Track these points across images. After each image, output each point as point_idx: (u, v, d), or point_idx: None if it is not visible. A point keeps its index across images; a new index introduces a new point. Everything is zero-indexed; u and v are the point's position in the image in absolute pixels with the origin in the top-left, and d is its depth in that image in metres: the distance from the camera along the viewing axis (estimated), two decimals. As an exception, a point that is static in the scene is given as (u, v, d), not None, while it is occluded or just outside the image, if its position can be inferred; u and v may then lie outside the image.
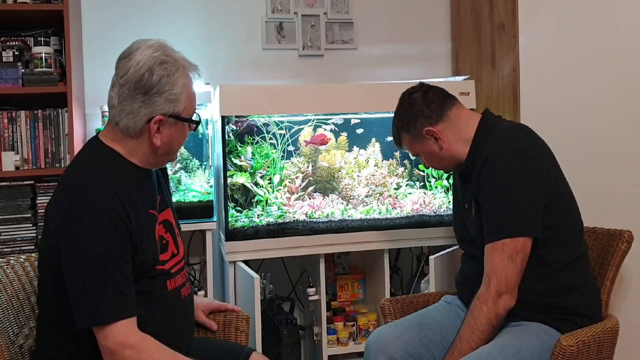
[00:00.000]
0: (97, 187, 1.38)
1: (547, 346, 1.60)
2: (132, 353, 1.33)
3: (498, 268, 1.63)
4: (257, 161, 2.47)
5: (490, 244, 1.66)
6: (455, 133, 1.84)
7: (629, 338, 2.02)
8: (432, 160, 1.92)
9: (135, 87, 1.42)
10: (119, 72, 1.46)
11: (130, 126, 1.45)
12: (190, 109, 1.51)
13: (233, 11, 2.93)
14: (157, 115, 1.44)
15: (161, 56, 1.45)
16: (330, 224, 2.48)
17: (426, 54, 3.13)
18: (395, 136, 1.95)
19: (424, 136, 1.85)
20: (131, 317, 1.36)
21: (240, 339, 1.83)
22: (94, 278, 1.33)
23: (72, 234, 1.35)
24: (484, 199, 1.70)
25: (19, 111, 2.49)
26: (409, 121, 1.87)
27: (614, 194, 2.39)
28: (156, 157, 1.51)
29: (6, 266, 1.65)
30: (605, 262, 1.87)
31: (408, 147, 1.94)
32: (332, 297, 2.81)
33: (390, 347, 1.78)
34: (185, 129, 1.53)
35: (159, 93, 1.43)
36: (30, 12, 2.46)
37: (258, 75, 2.94)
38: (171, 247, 1.56)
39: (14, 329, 1.59)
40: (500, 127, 1.79)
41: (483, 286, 1.66)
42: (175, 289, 1.54)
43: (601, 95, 2.42)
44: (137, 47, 1.46)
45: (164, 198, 1.60)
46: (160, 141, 1.47)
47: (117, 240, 1.36)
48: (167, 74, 1.44)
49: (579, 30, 2.44)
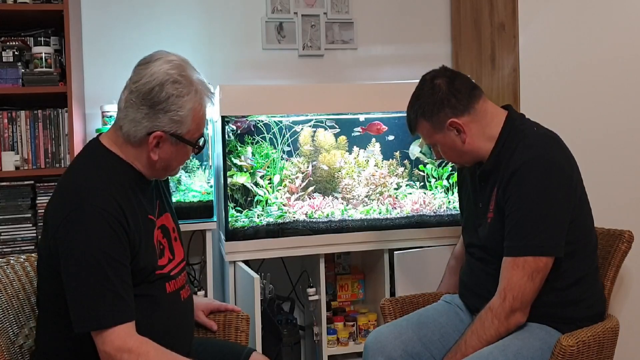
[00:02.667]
0: (95, 191, 1.37)
1: (548, 346, 1.60)
2: (130, 357, 1.33)
3: (516, 285, 1.59)
4: (257, 161, 2.47)
5: (511, 257, 1.61)
6: (480, 128, 1.74)
7: (629, 338, 2.02)
8: (449, 154, 1.81)
9: (143, 97, 1.41)
10: (133, 77, 1.44)
11: (131, 134, 1.44)
12: (196, 132, 1.48)
13: (233, 11, 2.93)
14: (158, 131, 1.42)
15: (176, 75, 1.42)
16: (330, 224, 2.48)
17: (426, 54, 3.13)
18: (412, 121, 1.81)
19: (446, 127, 1.73)
20: (129, 322, 1.35)
21: (240, 339, 1.83)
22: (92, 282, 1.33)
23: (71, 237, 1.35)
24: (512, 209, 1.63)
25: (19, 111, 2.49)
26: (432, 109, 1.74)
27: (614, 194, 2.39)
28: (153, 170, 1.50)
29: (6, 266, 1.65)
30: (605, 262, 1.87)
31: (425, 135, 1.82)
32: (332, 297, 2.81)
33: (389, 346, 1.77)
34: (187, 150, 1.50)
35: (164, 111, 1.41)
36: (30, 12, 2.46)
37: (258, 76, 2.94)
38: (167, 252, 1.55)
39: (14, 329, 1.59)
40: (530, 132, 1.71)
41: (497, 299, 1.62)
42: (175, 291, 1.53)
43: (601, 95, 2.42)
44: (157, 58, 1.44)
45: (162, 203, 1.60)
46: (158, 156, 1.45)
47: (115, 244, 1.36)
48: (177, 95, 1.41)
49: (579, 30, 2.44)
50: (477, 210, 1.82)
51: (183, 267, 1.61)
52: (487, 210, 1.75)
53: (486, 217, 1.76)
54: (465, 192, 1.95)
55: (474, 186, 1.85)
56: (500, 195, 1.68)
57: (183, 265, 1.61)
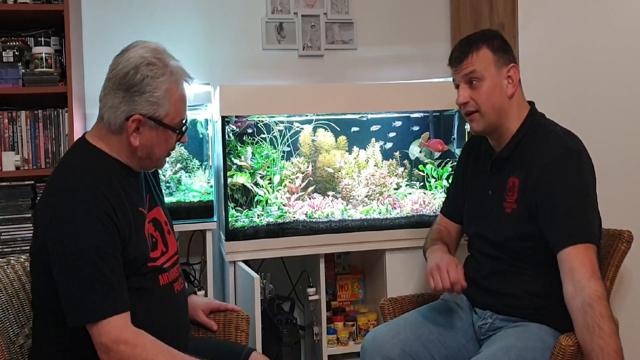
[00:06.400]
0: (82, 186, 1.38)
1: (548, 346, 1.60)
2: (127, 349, 1.33)
3: (592, 264, 1.53)
4: (257, 161, 2.47)
5: (572, 246, 1.56)
6: (519, 99, 1.77)
7: (629, 338, 2.02)
8: (486, 96, 1.72)
9: (119, 82, 1.43)
10: (111, 66, 1.47)
11: (111, 121, 1.45)
12: (176, 116, 1.49)
13: (233, 11, 2.93)
14: (136, 115, 1.43)
15: (151, 57, 1.44)
16: (330, 224, 2.48)
17: (426, 54, 3.13)
18: (474, 46, 1.73)
19: (506, 70, 1.73)
20: (124, 312, 1.36)
21: (240, 339, 1.83)
22: (83, 275, 1.34)
23: (60, 233, 1.35)
24: (555, 201, 1.61)
25: (19, 111, 2.50)
26: (503, 45, 1.74)
27: (613, 194, 2.39)
28: (137, 160, 1.50)
29: (6, 266, 1.66)
30: (605, 262, 1.87)
31: (478, 61, 1.72)
32: (332, 297, 2.81)
33: (387, 346, 1.76)
34: (169, 136, 1.50)
35: (140, 92, 1.43)
36: (30, 12, 2.47)
37: (258, 76, 2.94)
38: (160, 245, 1.56)
39: (14, 328, 1.59)
40: (555, 128, 1.74)
41: (589, 287, 1.50)
42: (168, 284, 1.54)
43: (601, 95, 2.42)
44: (134, 45, 1.48)
45: (152, 196, 1.61)
46: (138, 142, 1.46)
47: (104, 237, 1.36)
48: (152, 76, 1.43)
49: (579, 31, 2.44)
50: (487, 198, 1.79)
51: (176, 260, 1.62)
52: (502, 199, 1.74)
53: (501, 207, 1.74)
54: (466, 177, 1.91)
55: (485, 172, 1.82)
56: (530, 189, 1.66)
57: (176, 259, 1.62)
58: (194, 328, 1.82)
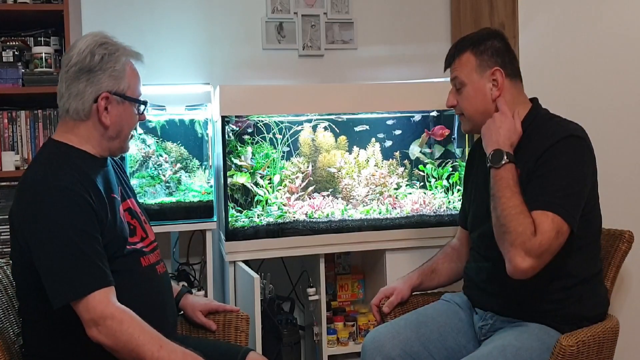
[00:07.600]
0: (53, 176, 1.40)
1: (547, 346, 1.60)
2: (113, 324, 1.34)
3: (546, 233, 1.52)
4: (257, 162, 2.47)
5: (540, 210, 1.55)
6: (512, 99, 1.75)
7: (629, 338, 2.02)
8: (470, 101, 1.77)
9: (79, 69, 1.48)
10: (63, 62, 1.52)
11: (80, 108, 1.48)
12: (135, 89, 1.56)
13: (233, 11, 2.93)
14: (103, 92, 1.48)
15: (101, 39, 1.52)
16: (330, 224, 2.48)
17: (426, 54, 3.13)
18: (458, 51, 1.78)
19: (489, 74, 1.74)
20: (107, 287, 1.37)
21: (240, 339, 1.83)
22: (64, 255, 1.35)
23: (36, 221, 1.37)
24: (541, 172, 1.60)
25: (19, 111, 2.50)
26: (486, 49, 1.74)
27: (614, 194, 2.39)
28: (108, 141, 1.54)
29: (6, 266, 1.66)
30: (605, 262, 1.86)
31: (460, 68, 1.78)
32: (332, 297, 2.81)
33: (387, 346, 1.76)
34: (132, 111, 1.56)
35: (102, 70, 1.49)
36: (30, 12, 2.47)
37: (258, 75, 2.94)
38: (139, 231, 1.59)
39: (14, 329, 1.59)
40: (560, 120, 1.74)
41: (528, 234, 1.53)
42: (150, 266, 1.57)
43: (601, 96, 2.42)
44: (78, 40, 1.54)
45: (124, 189, 1.63)
46: (109, 120, 1.50)
47: (82, 217, 1.38)
48: (108, 53, 1.50)
49: (579, 31, 2.44)
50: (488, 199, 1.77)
51: (155, 246, 1.64)
52: None
53: None
54: (474, 181, 1.91)
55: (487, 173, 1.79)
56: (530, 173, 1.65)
57: (155, 245, 1.65)
58: (192, 329, 1.83)
